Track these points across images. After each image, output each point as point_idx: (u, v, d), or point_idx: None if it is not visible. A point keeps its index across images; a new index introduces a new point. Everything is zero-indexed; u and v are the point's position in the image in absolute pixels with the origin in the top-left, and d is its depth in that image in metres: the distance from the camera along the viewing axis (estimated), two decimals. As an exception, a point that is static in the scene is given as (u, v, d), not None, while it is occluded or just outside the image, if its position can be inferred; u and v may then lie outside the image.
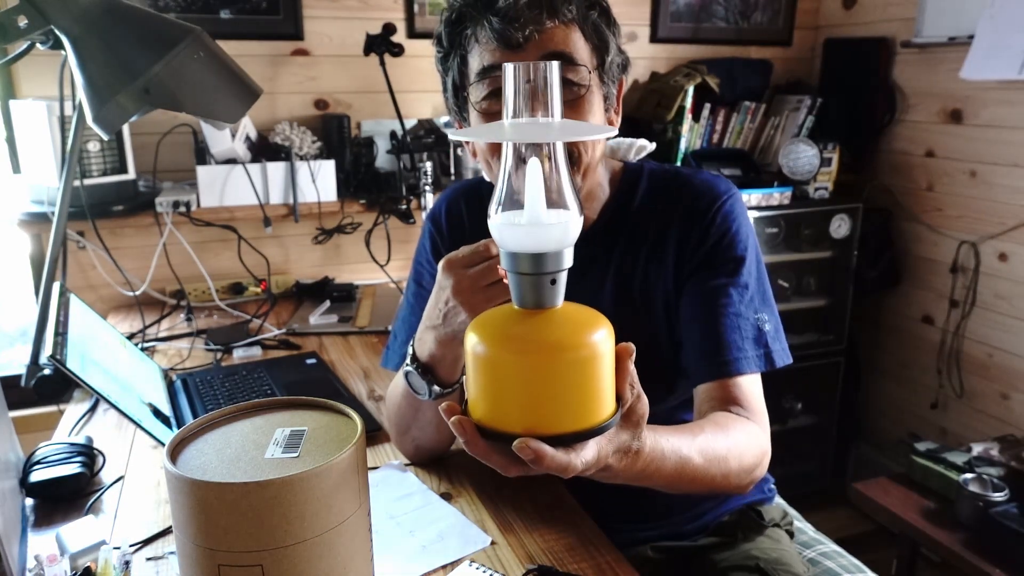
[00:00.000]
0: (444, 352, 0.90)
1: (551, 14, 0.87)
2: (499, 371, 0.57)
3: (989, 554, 1.67)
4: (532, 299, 0.57)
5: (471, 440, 0.59)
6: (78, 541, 0.86)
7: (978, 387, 2.32)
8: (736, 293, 0.95)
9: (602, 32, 0.93)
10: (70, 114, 1.43)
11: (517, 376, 0.56)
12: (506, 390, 0.57)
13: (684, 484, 0.81)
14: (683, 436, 0.79)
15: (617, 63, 0.96)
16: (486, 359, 0.57)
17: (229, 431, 0.66)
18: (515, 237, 0.56)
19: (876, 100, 2.48)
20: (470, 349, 0.58)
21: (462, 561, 0.87)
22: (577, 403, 0.57)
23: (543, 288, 0.57)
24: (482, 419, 0.59)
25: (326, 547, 0.59)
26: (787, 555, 1.07)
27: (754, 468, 0.89)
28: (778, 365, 0.96)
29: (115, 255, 1.84)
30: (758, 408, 0.93)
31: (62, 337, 1.15)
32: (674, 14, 2.47)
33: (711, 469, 0.82)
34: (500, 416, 0.57)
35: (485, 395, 0.58)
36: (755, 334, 0.95)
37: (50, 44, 0.90)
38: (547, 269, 0.56)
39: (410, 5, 2.14)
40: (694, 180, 1.02)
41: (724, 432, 0.86)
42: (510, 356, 0.56)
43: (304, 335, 1.71)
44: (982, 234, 2.26)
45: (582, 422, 0.57)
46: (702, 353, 0.95)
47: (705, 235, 0.97)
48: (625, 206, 1.03)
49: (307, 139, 1.99)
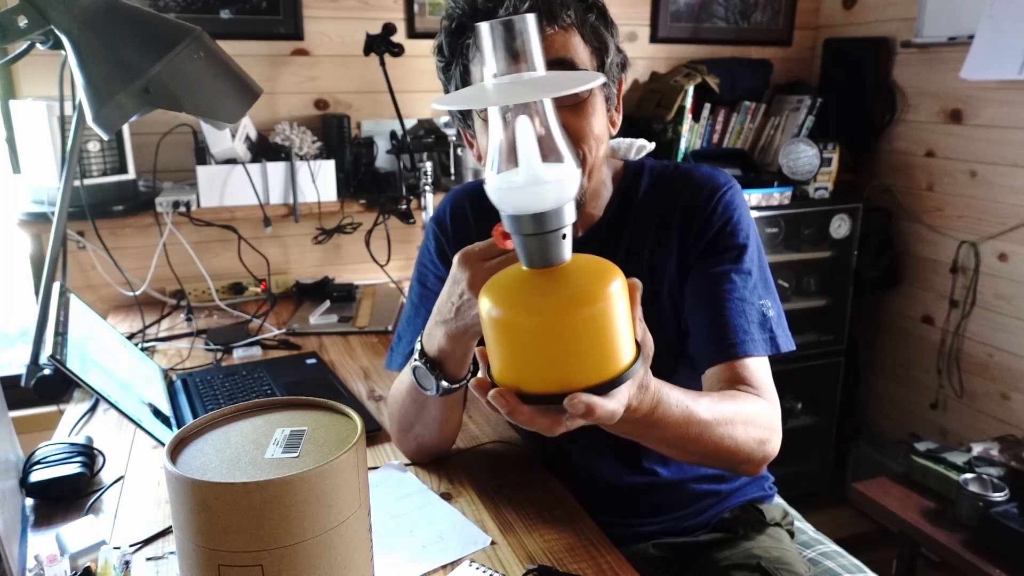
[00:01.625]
0: (454, 347, 0.90)
1: (550, 20, 0.88)
2: (525, 336, 0.56)
3: (989, 554, 1.67)
4: (540, 258, 0.57)
5: (514, 409, 0.59)
6: (78, 541, 0.86)
7: (978, 387, 2.32)
8: (740, 279, 0.96)
9: (600, 34, 0.93)
10: (70, 114, 1.43)
11: (544, 337, 0.56)
12: (535, 352, 0.57)
13: (692, 439, 0.81)
14: (688, 393, 0.80)
15: (617, 63, 0.97)
16: (509, 326, 0.57)
17: (229, 431, 0.66)
18: (514, 199, 0.55)
19: (876, 100, 2.47)
20: (490, 320, 0.58)
21: (462, 561, 0.87)
22: (605, 351, 0.57)
23: (549, 246, 0.56)
24: (518, 385, 0.58)
25: (326, 547, 0.59)
26: (788, 554, 1.07)
27: (764, 441, 0.89)
28: (783, 350, 0.97)
29: (115, 255, 1.84)
30: (767, 387, 0.94)
31: (62, 337, 1.15)
32: (674, 14, 2.47)
33: (718, 428, 0.82)
34: (535, 379, 0.57)
35: (515, 361, 0.58)
36: (760, 319, 0.96)
37: (50, 44, 0.90)
38: (550, 227, 0.55)
39: (410, 5, 2.14)
40: (694, 173, 1.03)
41: (731, 400, 0.87)
42: (533, 319, 0.55)
43: (304, 335, 1.71)
44: (982, 234, 2.26)
45: (612, 369, 0.58)
46: (709, 338, 0.96)
47: (707, 224, 0.99)
48: (628, 202, 1.04)
49: (307, 139, 1.99)
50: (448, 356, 0.91)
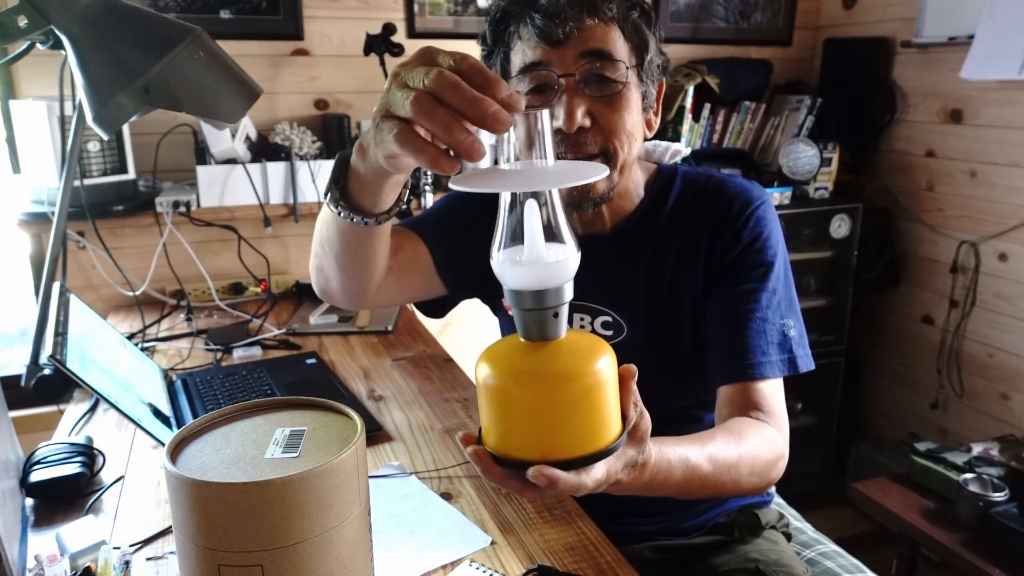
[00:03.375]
0: (364, 166, 0.74)
1: (592, 12, 0.90)
2: (510, 403, 0.60)
3: (989, 554, 1.67)
4: (537, 332, 0.60)
5: (486, 469, 0.61)
6: (78, 541, 0.86)
7: (978, 387, 2.32)
8: (764, 298, 0.96)
9: (642, 32, 0.94)
10: (70, 114, 1.43)
11: (527, 407, 0.59)
12: (517, 420, 0.60)
13: (695, 491, 0.81)
14: (692, 445, 0.79)
15: (657, 63, 0.98)
16: (497, 391, 0.60)
17: (229, 431, 0.66)
18: (517, 275, 0.58)
19: (876, 100, 2.47)
20: (481, 381, 0.61)
21: (462, 561, 0.87)
22: (585, 428, 0.60)
23: (547, 322, 0.59)
24: (496, 447, 0.61)
25: (326, 547, 0.59)
26: (786, 556, 1.07)
27: (767, 472, 0.89)
28: (801, 371, 0.97)
29: (115, 255, 1.84)
30: (778, 412, 0.94)
31: (62, 337, 1.15)
32: (674, 14, 2.47)
33: (721, 476, 0.82)
34: (513, 444, 0.60)
35: (497, 425, 0.61)
36: (780, 339, 0.95)
37: (50, 44, 0.90)
38: (549, 304, 0.58)
39: (410, 5, 2.14)
40: (728, 185, 1.02)
41: (737, 439, 0.85)
42: (520, 389, 0.59)
43: (304, 335, 1.71)
44: (982, 234, 2.26)
45: (591, 445, 0.60)
46: (726, 355, 0.95)
47: (736, 239, 0.98)
48: (658, 208, 1.03)
49: (307, 139, 1.99)
50: (358, 176, 0.77)
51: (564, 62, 0.90)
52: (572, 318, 1.07)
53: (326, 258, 0.93)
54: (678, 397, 1.07)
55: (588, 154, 0.92)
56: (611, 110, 0.91)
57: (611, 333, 1.05)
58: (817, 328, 2.51)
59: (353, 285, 0.97)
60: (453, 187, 0.56)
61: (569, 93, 0.90)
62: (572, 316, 1.06)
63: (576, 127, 0.90)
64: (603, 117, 0.91)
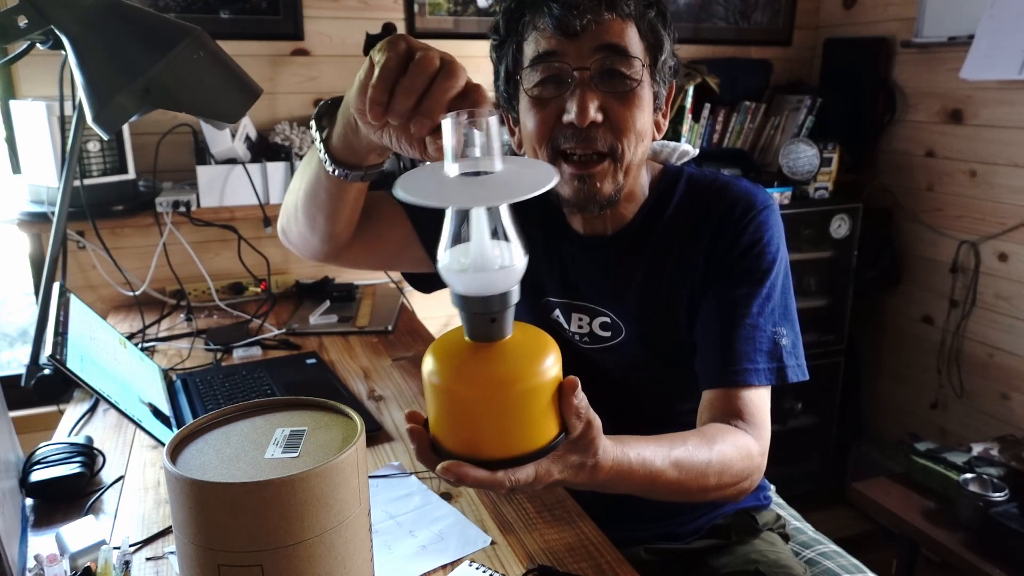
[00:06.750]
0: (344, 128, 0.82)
1: (610, 7, 0.89)
2: (444, 399, 0.62)
3: (989, 554, 1.67)
4: (482, 334, 0.61)
5: (418, 449, 0.64)
6: (78, 541, 0.86)
7: (978, 387, 2.32)
8: (757, 304, 0.94)
9: (658, 32, 0.94)
10: (70, 114, 1.43)
11: (458, 406, 0.61)
12: (450, 415, 0.62)
13: (661, 493, 0.80)
14: (660, 447, 0.78)
15: (670, 64, 0.97)
16: (435, 387, 0.62)
17: (229, 431, 0.66)
18: (463, 281, 0.58)
19: (876, 100, 2.47)
20: (426, 375, 0.63)
21: (462, 561, 0.87)
22: (517, 430, 0.62)
23: (490, 326, 0.60)
24: (435, 435, 0.64)
25: (326, 547, 0.59)
26: (784, 557, 1.07)
27: (739, 482, 0.87)
28: (791, 381, 0.94)
29: (115, 255, 1.84)
30: (759, 422, 0.92)
31: (62, 337, 1.15)
32: (674, 14, 2.46)
33: (687, 483, 0.80)
34: (446, 436, 0.63)
35: (433, 415, 0.64)
36: (770, 347, 0.94)
37: (50, 44, 0.90)
38: (494, 309, 0.59)
39: (410, 5, 2.14)
40: (732, 187, 1.00)
41: (709, 444, 0.83)
42: (451, 388, 0.61)
43: (304, 335, 1.71)
44: (982, 234, 2.26)
45: (519, 447, 0.62)
46: (713, 360, 0.94)
47: (735, 242, 0.96)
48: (661, 209, 1.02)
49: (307, 139, 1.99)
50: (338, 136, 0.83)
51: (579, 55, 0.89)
52: (571, 318, 1.06)
53: (293, 194, 1.00)
54: (675, 399, 1.06)
55: (597, 151, 0.91)
56: (624, 107, 0.90)
57: (609, 334, 1.04)
58: (817, 328, 2.51)
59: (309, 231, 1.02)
60: (396, 195, 0.55)
61: (583, 87, 0.89)
62: (571, 316, 1.06)
63: (588, 122, 0.88)
64: (615, 114, 0.90)
